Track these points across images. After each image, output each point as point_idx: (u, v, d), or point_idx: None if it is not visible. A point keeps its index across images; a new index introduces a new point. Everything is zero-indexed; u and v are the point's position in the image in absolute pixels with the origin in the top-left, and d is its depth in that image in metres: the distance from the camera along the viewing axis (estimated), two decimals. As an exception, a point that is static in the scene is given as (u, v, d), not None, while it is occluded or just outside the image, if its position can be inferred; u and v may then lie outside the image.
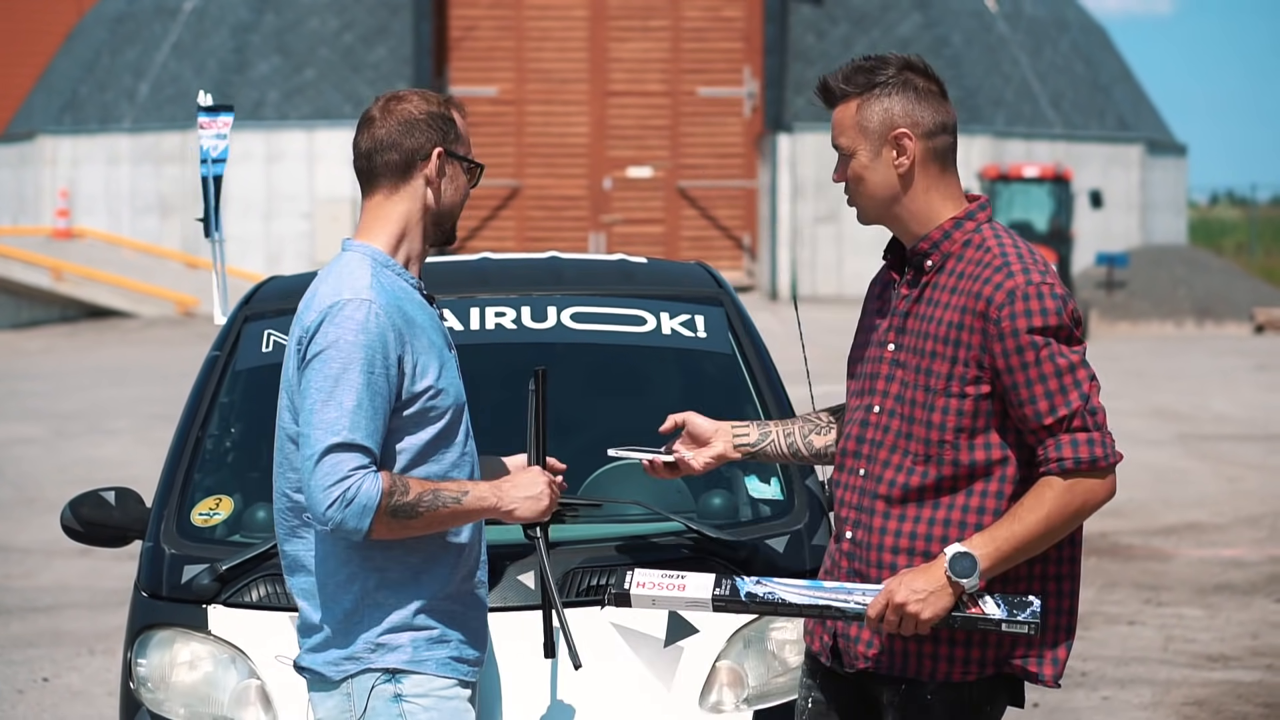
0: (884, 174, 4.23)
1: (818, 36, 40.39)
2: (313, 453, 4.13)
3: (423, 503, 4.15)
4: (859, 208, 4.31)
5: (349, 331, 4.16)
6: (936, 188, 4.24)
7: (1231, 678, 9.30)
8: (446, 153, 4.34)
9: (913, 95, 4.22)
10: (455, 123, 4.36)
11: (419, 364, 4.24)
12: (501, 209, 40.08)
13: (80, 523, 5.44)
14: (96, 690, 8.99)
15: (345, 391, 4.14)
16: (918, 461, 4.18)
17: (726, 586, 4.14)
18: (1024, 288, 4.09)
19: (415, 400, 4.23)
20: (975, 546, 4.07)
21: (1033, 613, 4.09)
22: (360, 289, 4.21)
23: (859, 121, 4.22)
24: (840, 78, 4.25)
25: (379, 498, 4.11)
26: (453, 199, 4.39)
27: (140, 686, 4.99)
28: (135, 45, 41.06)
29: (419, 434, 4.25)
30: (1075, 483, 4.09)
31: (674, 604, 4.17)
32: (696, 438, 4.57)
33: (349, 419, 4.12)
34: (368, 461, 4.13)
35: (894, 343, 4.26)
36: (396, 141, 4.31)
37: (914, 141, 4.20)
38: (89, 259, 35.37)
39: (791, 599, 4.13)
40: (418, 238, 4.37)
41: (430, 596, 4.27)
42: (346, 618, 4.25)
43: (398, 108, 4.33)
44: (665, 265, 6.42)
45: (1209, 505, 14.75)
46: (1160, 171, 43.11)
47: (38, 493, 14.86)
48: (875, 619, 4.09)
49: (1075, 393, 4.09)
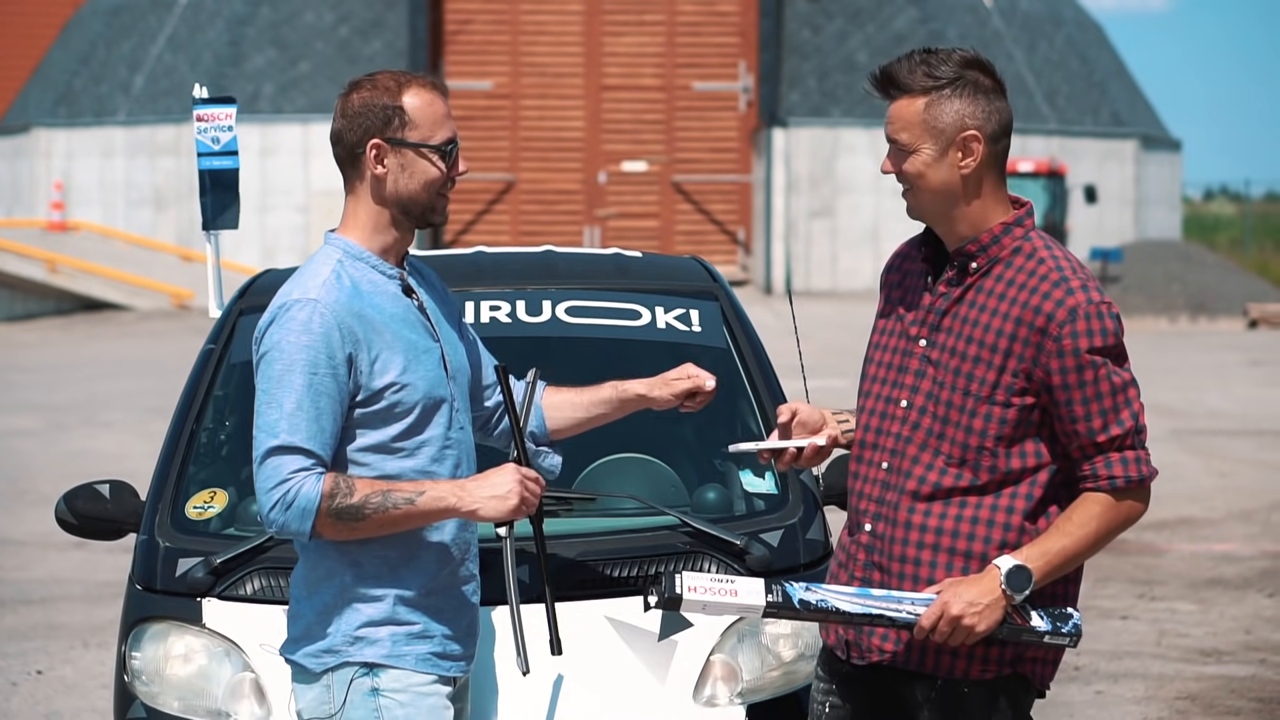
0: (946, 175, 4.17)
1: (813, 31, 40.39)
2: (256, 455, 4.15)
3: (369, 504, 4.11)
4: (913, 202, 4.24)
5: (291, 333, 4.14)
6: (992, 192, 4.21)
7: (1224, 672, 9.32)
8: (389, 141, 4.24)
9: (982, 97, 4.16)
10: (404, 108, 4.25)
11: (379, 360, 4.19)
12: (496, 203, 40.08)
13: (75, 515, 5.44)
14: (90, 683, 8.99)
15: (286, 393, 4.13)
16: (951, 463, 4.17)
17: (778, 593, 4.09)
18: (1085, 306, 4.10)
19: (378, 397, 4.20)
20: (1028, 560, 4.08)
21: (1074, 625, 4.14)
22: (310, 289, 4.19)
23: (927, 119, 4.15)
24: (908, 70, 4.17)
25: (318, 500, 4.08)
26: (411, 187, 4.27)
27: (135, 679, 4.99)
28: (130, 38, 41.05)
29: (385, 429, 4.22)
30: (1122, 500, 4.14)
31: (726, 609, 4.10)
32: (806, 425, 4.39)
33: (288, 421, 4.11)
34: (309, 464, 4.11)
35: (926, 339, 4.23)
36: (341, 135, 4.28)
37: (981, 145, 4.16)
38: (84, 251, 35.36)
39: (844, 607, 4.10)
40: (389, 228, 4.30)
41: (411, 591, 4.25)
42: (326, 610, 4.24)
43: (348, 99, 4.29)
44: (660, 259, 6.42)
45: (1202, 500, 14.77)
46: (1154, 167, 43.15)
47: (31, 485, 14.86)
48: (928, 629, 4.09)
49: (1127, 412, 4.13)
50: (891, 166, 4.24)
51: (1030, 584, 4.07)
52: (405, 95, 4.26)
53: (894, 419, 4.26)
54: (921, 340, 4.25)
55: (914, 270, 4.34)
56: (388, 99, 4.24)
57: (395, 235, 4.30)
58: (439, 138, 4.28)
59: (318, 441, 4.12)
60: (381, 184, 4.26)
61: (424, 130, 4.26)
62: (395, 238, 4.31)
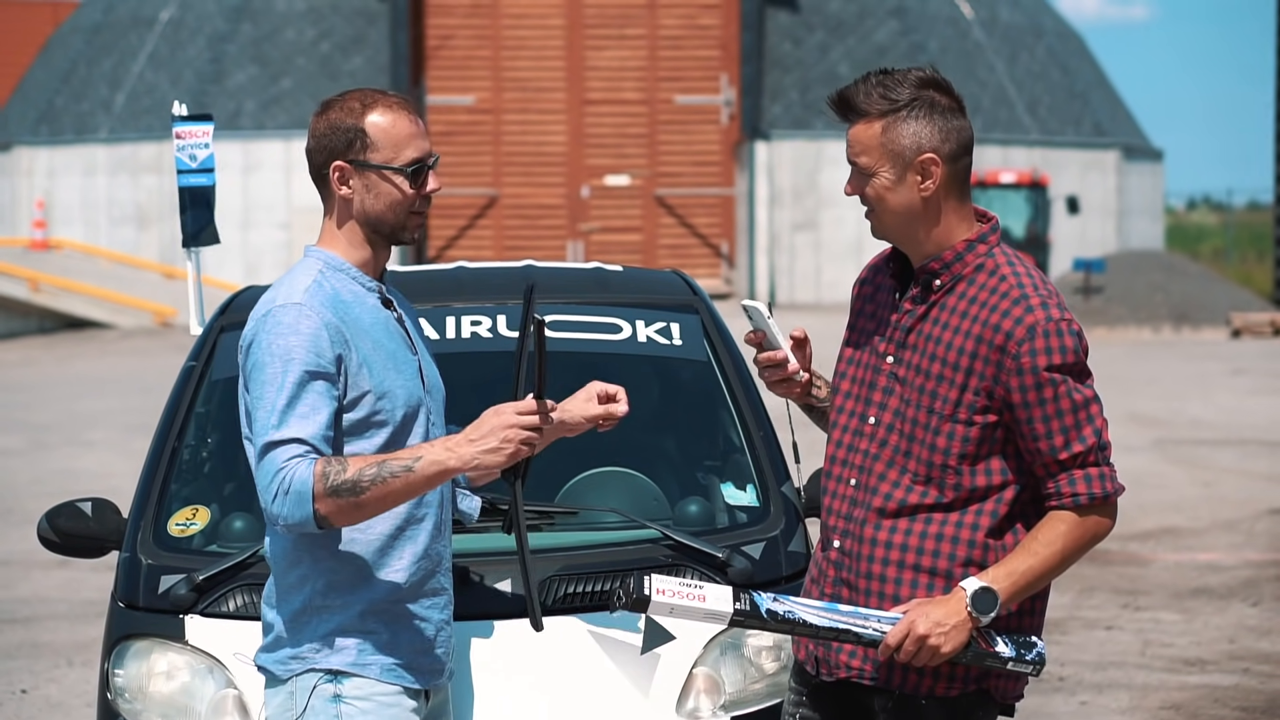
0: (906, 196, 4.17)
1: (794, 44, 40.44)
2: (254, 456, 4.15)
3: (365, 477, 4.04)
4: (877, 225, 4.25)
5: (279, 335, 4.14)
6: (955, 210, 4.20)
7: (1208, 682, 9.33)
8: (352, 163, 4.24)
9: (939, 118, 4.15)
10: (365, 131, 4.22)
11: (363, 365, 4.19)
12: (479, 218, 40.09)
13: (57, 534, 5.44)
14: (75, 701, 8.98)
15: (276, 392, 4.10)
16: (917, 481, 4.17)
17: (746, 602, 4.10)
18: (1044, 324, 4.09)
19: (358, 403, 4.19)
20: (994, 581, 4.08)
21: (1038, 654, 4.15)
22: (294, 294, 4.19)
23: (884, 143, 4.15)
24: (864, 94, 4.16)
25: (311, 481, 4.04)
26: (377, 208, 4.27)
27: (118, 697, 4.99)
28: (111, 56, 41.04)
29: (370, 440, 4.21)
30: (1087, 517, 4.13)
31: (692, 614, 4.10)
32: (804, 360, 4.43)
33: (278, 416, 4.09)
34: (302, 451, 4.07)
35: (893, 355, 4.24)
36: (310, 155, 4.29)
37: (940, 167, 4.15)
38: (66, 270, 35.33)
39: (810, 619, 4.11)
40: (364, 245, 4.30)
41: (381, 600, 4.24)
42: (296, 617, 4.23)
43: (317, 120, 4.29)
44: (641, 273, 6.42)
45: (1186, 510, 14.79)
46: (1137, 177, 43.24)
47: (15, 504, 14.84)
48: (893, 648, 4.09)
49: (1089, 428, 4.12)
50: (853, 189, 4.25)
51: (997, 606, 4.07)
52: (369, 116, 4.23)
53: (863, 435, 4.26)
54: (889, 357, 4.25)
55: (884, 285, 4.35)
56: (351, 120, 4.23)
57: (371, 252, 4.31)
58: (403, 159, 4.25)
59: (310, 431, 4.09)
60: (349, 204, 4.26)
61: (386, 152, 4.24)
62: (371, 254, 4.31)
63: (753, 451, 5.48)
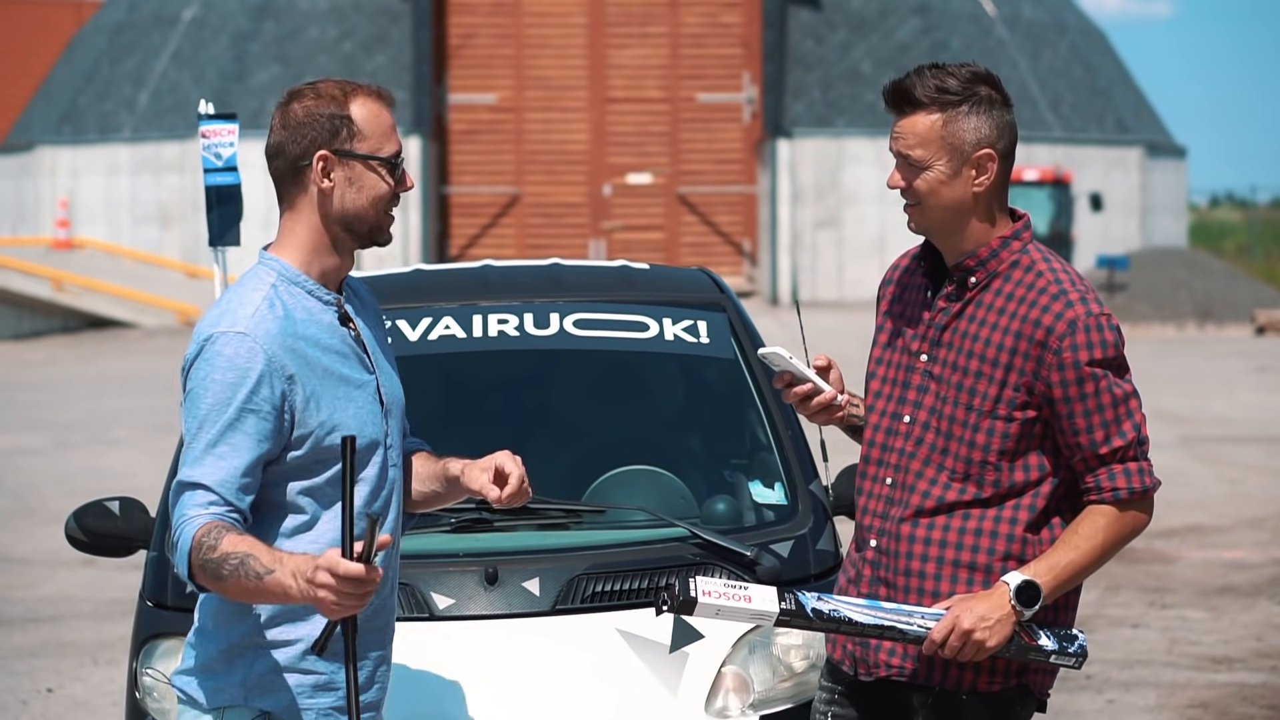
0: (960, 191, 4.16)
1: (816, 42, 40.40)
2: (171, 490, 3.92)
3: (227, 564, 3.75)
4: (920, 218, 4.22)
5: (216, 370, 3.86)
6: (996, 207, 4.22)
7: (1236, 680, 9.30)
8: (337, 153, 3.94)
9: (996, 113, 4.15)
10: (352, 118, 3.94)
11: (311, 399, 3.92)
12: (502, 216, 40.10)
13: (85, 533, 5.45)
14: (100, 700, 8.99)
15: (205, 430, 3.85)
16: (955, 478, 4.18)
17: (791, 601, 4.10)
18: (1085, 319, 4.11)
19: (304, 441, 3.91)
20: (1036, 575, 4.10)
21: (1080, 646, 4.16)
22: (239, 320, 3.89)
23: (944, 136, 4.13)
24: (922, 86, 4.13)
25: (189, 547, 3.79)
26: (359, 202, 3.98)
27: (146, 696, 5.00)
28: (134, 55, 41.09)
29: (320, 473, 3.94)
30: (1126, 511, 4.15)
31: (739, 615, 4.09)
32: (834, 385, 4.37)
33: (196, 454, 3.85)
34: (205, 502, 3.82)
35: (927, 354, 4.24)
36: (283, 148, 3.97)
37: (996, 163, 4.16)
38: (89, 269, 35.38)
39: (856, 617, 4.11)
40: (328, 250, 4.00)
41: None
42: (231, 649, 3.97)
43: (286, 110, 3.99)
44: (667, 271, 6.42)
45: (1211, 507, 14.75)
46: (1160, 174, 43.14)
47: (39, 503, 14.86)
48: (939, 643, 4.09)
49: (1129, 423, 4.14)
50: (901, 181, 4.21)
51: (1040, 599, 4.08)
52: (353, 104, 3.97)
53: (898, 434, 4.26)
54: (923, 355, 4.25)
55: (913, 284, 4.34)
56: (334, 108, 3.95)
57: (335, 260, 4.01)
58: (387, 150, 3.99)
59: (219, 477, 3.83)
60: (327, 199, 3.97)
61: (373, 142, 3.97)
62: (335, 262, 4.01)
63: (780, 450, 5.47)
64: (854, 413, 4.40)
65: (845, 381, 4.40)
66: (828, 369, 4.37)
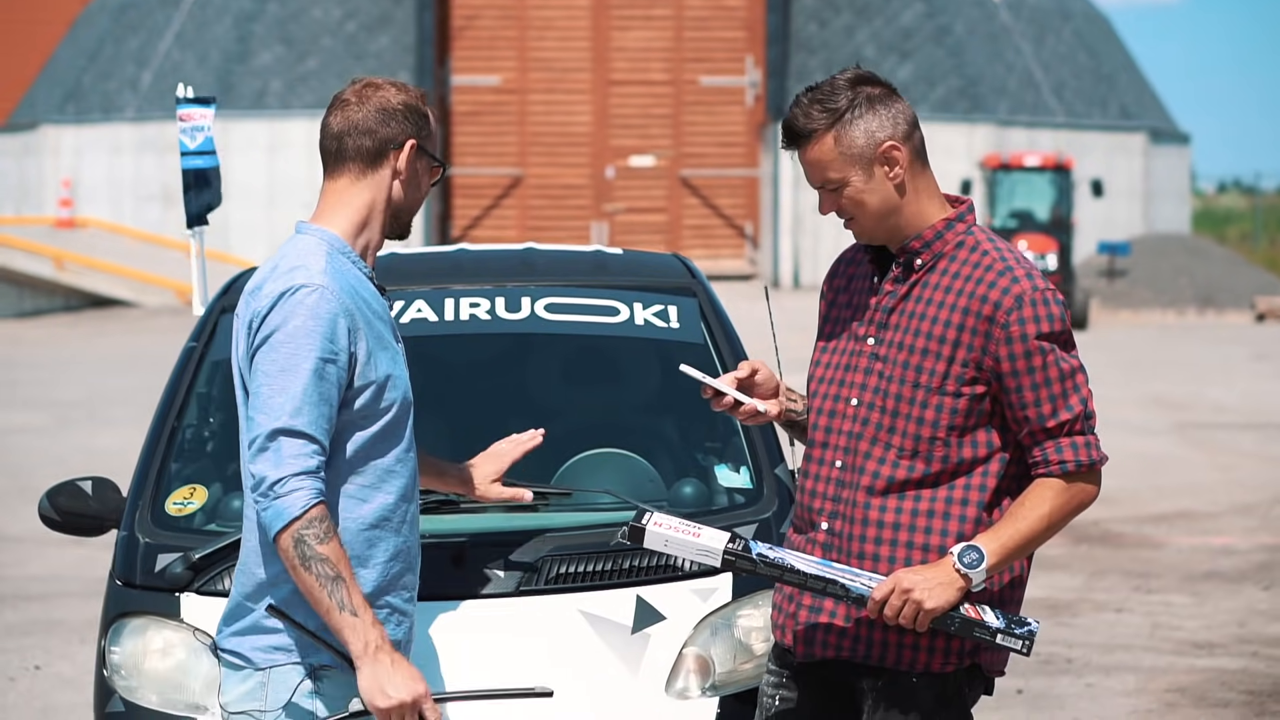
0: (883, 192, 4.24)
1: (820, 25, 40.40)
2: (258, 434, 4.05)
3: (319, 566, 4.01)
4: (860, 230, 4.31)
5: (300, 318, 4.08)
6: (924, 187, 4.28)
7: (1216, 665, 9.34)
8: (419, 147, 4.26)
9: (880, 107, 4.23)
10: (429, 120, 4.28)
11: (372, 354, 4.16)
12: (504, 198, 40.12)
13: (57, 512, 5.48)
14: (88, 678, 8.96)
15: (293, 379, 4.05)
16: (903, 455, 4.23)
17: (740, 544, 4.18)
18: (1031, 293, 4.17)
19: (365, 390, 4.15)
20: (981, 542, 4.15)
21: (1029, 631, 4.17)
22: (314, 274, 4.13)
23: (843, 151, 4.21)
24: (804, 116, 4.23)
25: (298, 517, 4.00)
26: (414, 196, 4.30)
27: (114, 674, 5.04)
28: (138, 34, 41.11)
29: (368, 429, 4.16)
30: (1073, 484, 4.20)
31: (685, 549, 4.18)
32: (761, 386, 4.44)
33: (294, 405, 4.04)
34: (309, 452, 4.04)
35: (874, 337, 4.29)
36: (372, 128, 4.23)
37: (901, 150, 4.23)
38: (92, 248, 35.42)
39: (801, 567, 4.17)
40: (377, 229, 4.28)
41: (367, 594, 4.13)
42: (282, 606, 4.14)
43: (375, 94, 4.25)
44: (640, 256, 6.45)
45: (1202, 493, 14.80)
46: (1163, 160, 43.12)
47: (33, 482, 14.87)
48: (880, 602, 4.13)
49: (1075, 397, 4.19)
50: (830, 207, 4.30)
51: (983, 562, 4.12)
52: (428, 109, 4.31)
53: (844, 417, 4.30)
54: (870, 339, 4.30)
55: (859, 274, 4.41)
56: (424, 108, 4.29)
57: (379, 238, 4.29)
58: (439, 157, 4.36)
59: (320, 428, 4.05)
60: (400, 185, 4.26)
61: (435, 146, 4.33)
62: (378, 240, 4.29)
63: (747, 434, 5.51)
64: (791, 408, 4.47)
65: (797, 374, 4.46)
66: (752, 376, 4.42)
